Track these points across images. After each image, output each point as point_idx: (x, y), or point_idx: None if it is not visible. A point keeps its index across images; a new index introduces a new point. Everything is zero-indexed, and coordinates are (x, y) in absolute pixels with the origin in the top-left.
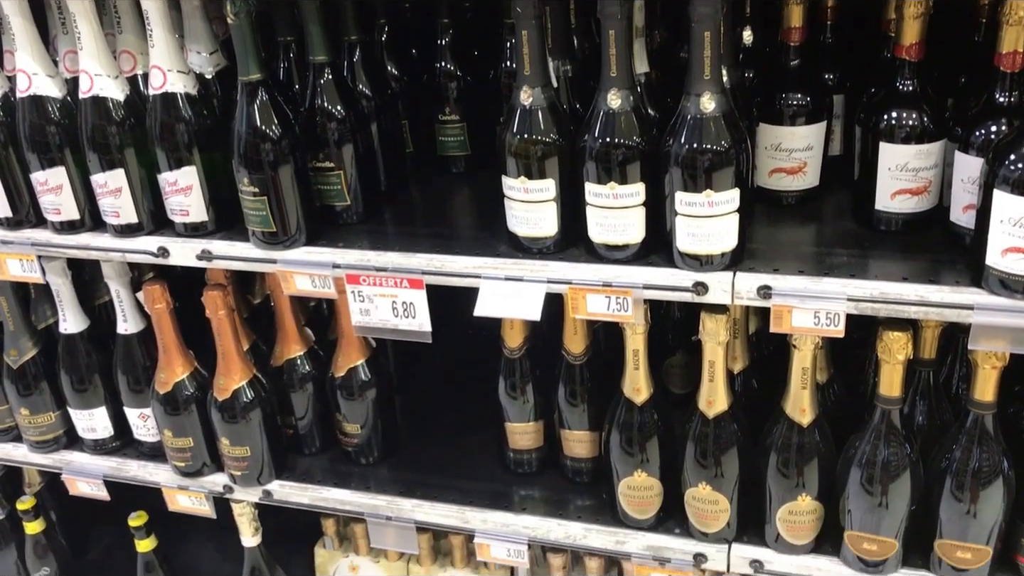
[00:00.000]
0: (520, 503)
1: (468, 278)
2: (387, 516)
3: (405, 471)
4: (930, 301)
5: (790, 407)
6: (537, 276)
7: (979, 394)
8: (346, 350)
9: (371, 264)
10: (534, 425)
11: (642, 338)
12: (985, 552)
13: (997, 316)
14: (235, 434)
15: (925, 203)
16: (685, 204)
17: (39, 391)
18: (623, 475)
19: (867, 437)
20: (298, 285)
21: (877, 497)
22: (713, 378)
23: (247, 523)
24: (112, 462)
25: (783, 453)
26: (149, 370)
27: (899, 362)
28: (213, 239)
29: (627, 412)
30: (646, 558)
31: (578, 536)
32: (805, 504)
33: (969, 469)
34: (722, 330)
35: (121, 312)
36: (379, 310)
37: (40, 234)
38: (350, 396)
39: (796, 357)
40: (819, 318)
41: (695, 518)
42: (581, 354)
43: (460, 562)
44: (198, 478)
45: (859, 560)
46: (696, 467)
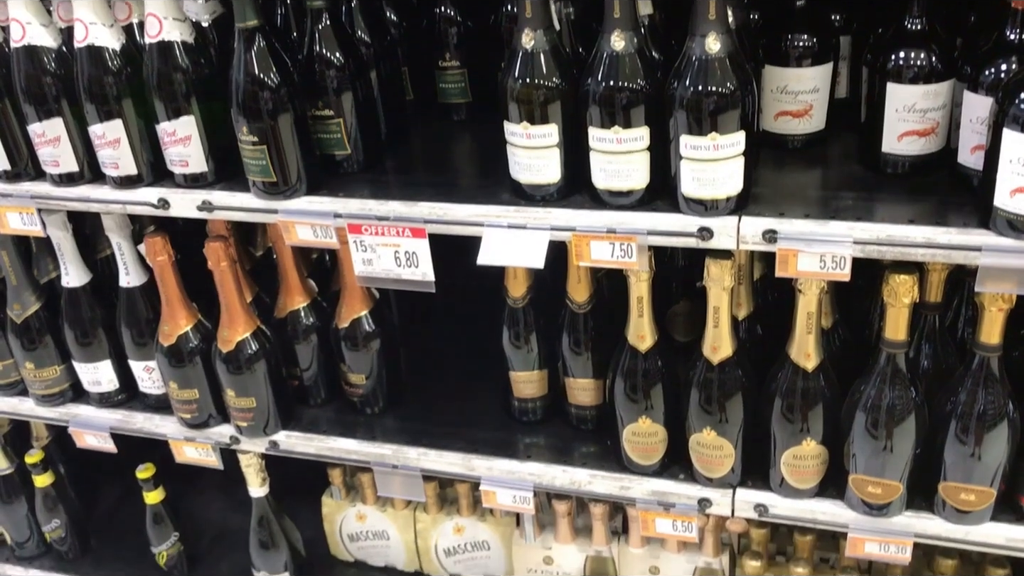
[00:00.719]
0: (525, 451)
1: (471, 226)
2: (393, 465)
3: (411, 420)
4: (937, 243)
5: (795, 352)
6: (540, 224)
7: (985, 336)
8: (349, 301)
9: (373, 213)
10: (538, 374)
11: (646, 285)
12: (989, 494)
13: (1005, 258)
14: (240, 385)
15: (933, 145)
16: (690, 148)
17: (43, 345)
18: (627, 422)
19: (872, 381)
20: (300, 235)
21: (882, 440)
22: (718, 324)
23: (254, 474)
24: (118, 415)
25: (788, 398)
26: (152, 323)
27: (905, 305)
28: (213, 190)
29: (631, 359)
30: (651, 503)
31: (583, 482)
32: (809, 448)
33: (974, 411)
34: (727, 276)
35: (123, 265)
36: (382, 260)
37: (39, 187)
38: (354, 347)
39: (801, 302)
40: (825, 262)
41: (699, 464)
42: (585, 303)
43: (466, 510)
44: (204, 429)
45: (863, 503)
46: (700, 413)
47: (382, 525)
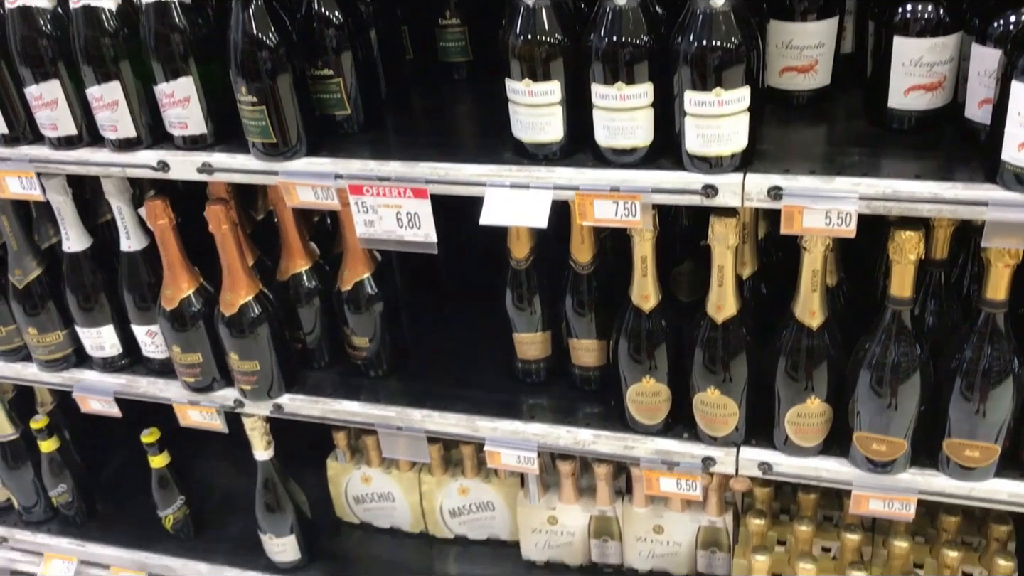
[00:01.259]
0: (529, 411)
1: (473, 186)
2: (398, 427)
3: (414, 383)
4: (943, 198)
5: (800, 310)
6: (543, 183)
7: (991, 292)
8: (351, 264)
9: (374, 174)
10: (542, 335)
11: (650, 244)
12: (993, 450)
13: (1012, 212)
14: (243, 349)
15: (939, 99)
16: (694, 103)
17: (46, 310)
18: (631, 382)
19: (877, 338)
20: (301, 197)
21: (886, 398)
22: (722, 283)
23: (259, 437)
24: (122, 379)
25: (792, 356)
26: (155, 287)
27: (911, 262)
28: (213, 152)
29: (635, 319)
30: (655, 462)
31: (587, 442)
32: (814, 406)
33: (980, 368)
34: (731, 234)
35: (124, 229)
36: (383, 221)
37: (38, 151)
38: (357, 310)
39: (806, 259)
40: (830, 218)
41: (704, 422)
42: (588, 263)
43: (471, 471)
44: (208, 393)
45: (867, 461)
46: (705, 372)
47: (387, 487)
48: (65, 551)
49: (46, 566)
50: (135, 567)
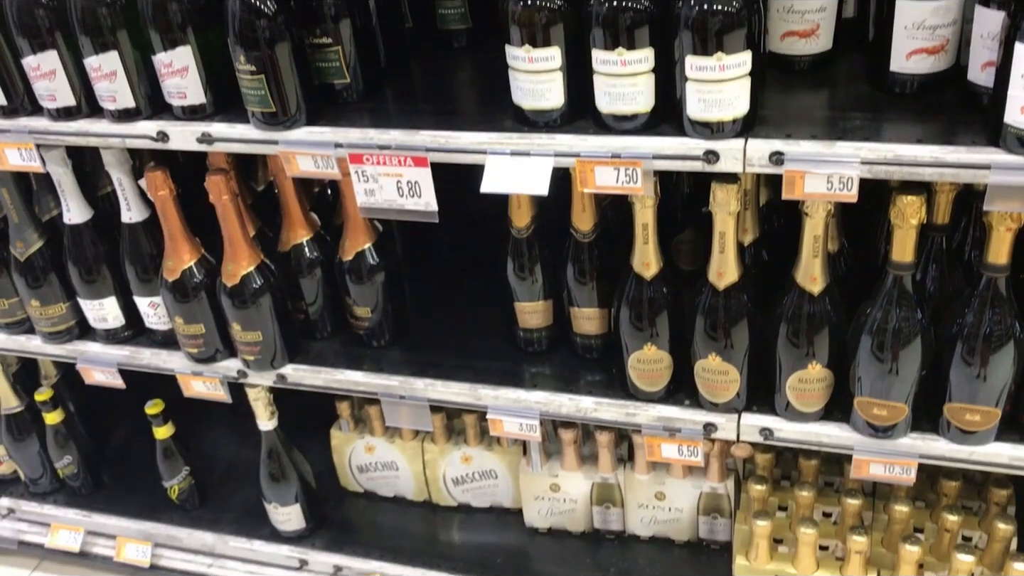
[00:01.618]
0: (531, 380)
1: (473, 154)
2: (401, 396)
3: (417, 353)
4: (945, 162)
5: (801, 276)
6: (544, 150)
7: (993, 257)
8: (352, 233)
9: (374, 142)
10: (543, 304)
11: (651, 211)
12: (994, 414)
13: (1014, 175)
14: (246, 319)
15: (942, 63)
16: (696, 68)
17: (48, 283)
18: (633, 349)
19: (879, 303)
20: (301, 166)
21: (888, 363)
22: (724, 249)
23: (263, 407)
24: (125, 351)
25: (794, 322)
26: (156, 259)
27: (912, 227)
28: (213, 122)
29: (636, 287)
30: (656, 429)
31: (589, 410)
32: (815, 372)
33: (981, 332)
34: (733, 200)
35: (124, 201)
36: (384, 190)
37: (37, 122)
38: (359, 280)
39: (808, 225)
40: (832, 183)
41: (705, 389)
42: (589, 232)
43: (474, 440)
44: (212, 364)
45: (868, 426)
46: (706, 338)
47: (391, 456)
48: (72, 522)
49: (53, 536)
50: (141, 537)
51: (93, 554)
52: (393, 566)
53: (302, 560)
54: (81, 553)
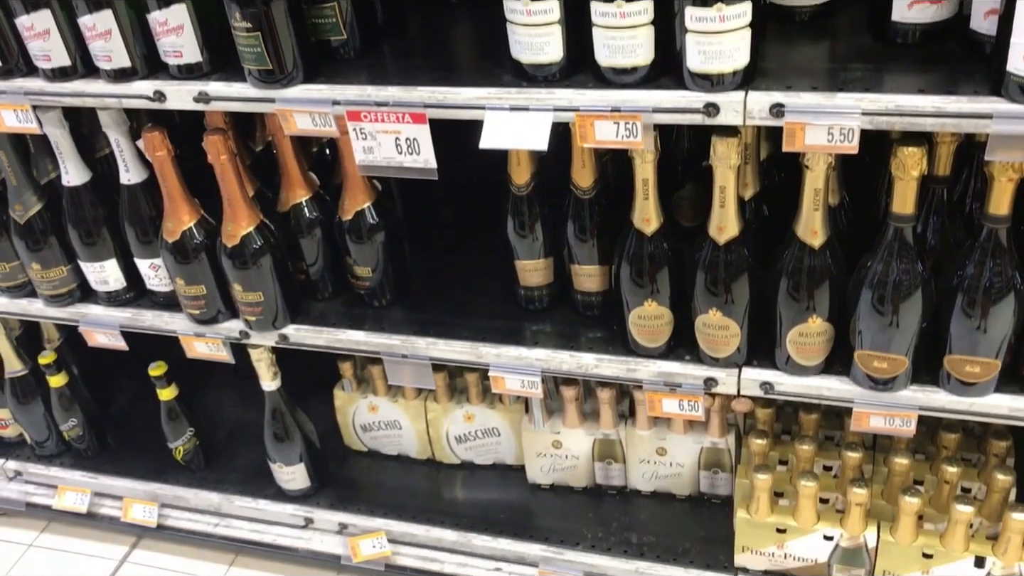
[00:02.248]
0: (532, 337)
1: (472, 110)
2: (403, 355)
3: (418, 312)
4: (947, 112)
5: (802, 229)
6: (543, 105)
7: (994, 208)
8: (352, 193)
9: (371, 99)
10: (544, 262)
11: (651, 166)
12: (993, 366)
13: (1016, 124)
14: (247, 280)
15: (944, 12)
16: (695, 19)
17: (48, 245)
18: (633, 305)
19: (879, 255)
20: (299, 125)
21: (888, 315)
22: (724, 204)
23: (266, 368)
24: (127, 313)
25: (794, 275)
26: (156, 220)
27: (913, 178)
28: (209, 81)
29: (637, 243)
30: (657, 384)
31: (590, 366)
32: (816, 325)
33: (982, 283)
34: (733, 154)
35: (123, 162)
36: (382, 147)
37: (33, 83)
38: (359, 239)
39: (808, 177)
40: (832, 135)
41: (705, 344)
42: (589, 188)
43: (476, 398)
44: (214, 325)
45: (869, 378)
46: (706, 293)
47: (394, 415)
48: (78, 483)
49: (60, 498)
50: (147, 497)
51: (100, 515)
52: (398, 523)
53: (307, 518)
54: (88, 514)
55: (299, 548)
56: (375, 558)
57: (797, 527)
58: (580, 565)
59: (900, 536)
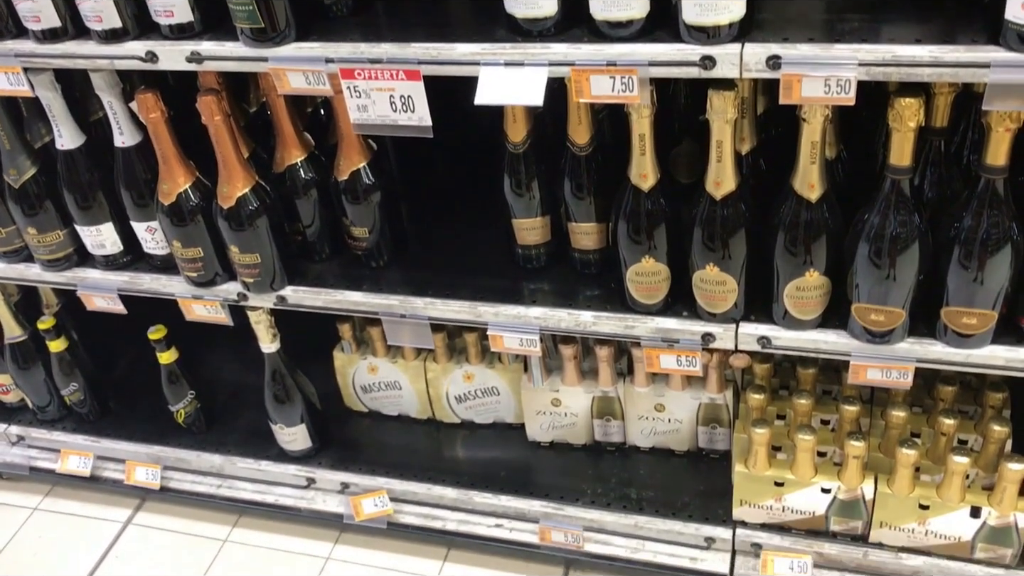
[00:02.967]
0: (530, 296)
1: (466, 65)
2: (401, 315)
3: (416, 272)
4: (944, 61)
5: (798, 183)
6: (538, 60)
7: (991, 158)
8: (347, 152)
9: (365, 56)
10: (541, 220)
11: (648, 122)
12: (990, 317)
13: (1014, 73)
14: (244, 242)
15: None
16: None
17: (44, 210)
18: (631, 262)
19: (876, 208)
20: (292, 83)
21: (885, 268)
22: (721, 158)
23: (265, 330)
24: (125, 276)
25: (791, 229)
26: (151, 183)
27: (910, 129)
28: (201, 41)
29: (634, 199)
30: (655, 340)
31: (588, 324)
32: (813, 279)
33: (979, 234)
34: (730, 107)
35: (116, 125)
36: (377, 106)
37: (23, 45)
38: (355, 200)
39: (805, 130)
40: (830, 86)
41: (703, 300)
42: (586, 144)
43: (475, 358)
44: (211, 287)
45: (866, 332)
46: (703, 249)
47: (394, 376)
48: (81, 447)
49: (63, 462)
50: (150, 460)
51: (104, 478)
52: (399, 482)
53: (309, 478)
54: (92, 477)
55: (302, 508)
56: (377, 516)
57: (795, 480)
58: (580, 520)
59: (897, 488)
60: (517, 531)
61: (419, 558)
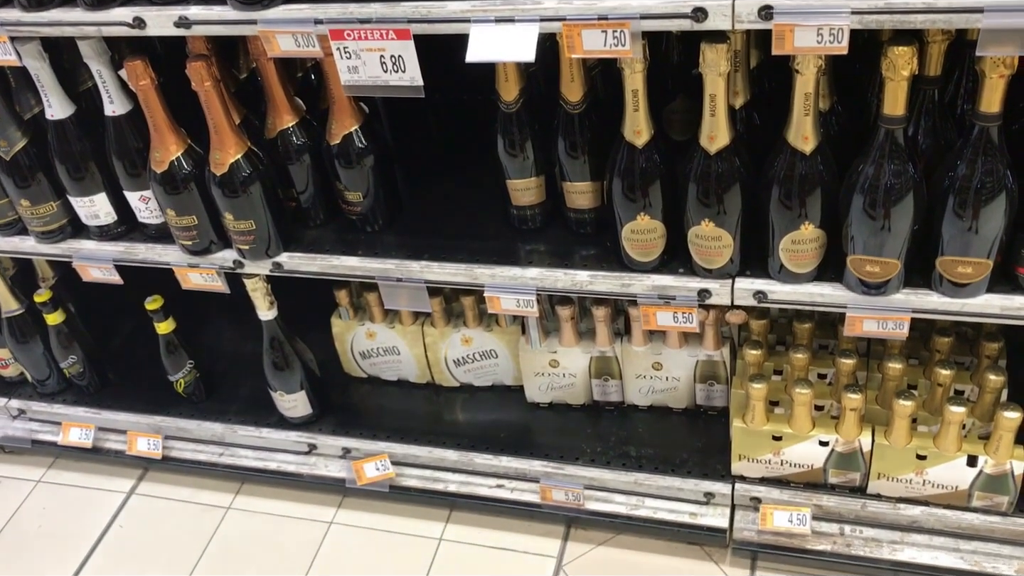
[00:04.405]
0: (526, 257)
1: (457, 23)
2: (398, 278)
3: (411, 236)
4: (937, 7)
5: (792, 135)
6: (529, 15)
7: (985, 105)
8: (339, 116)
9: (354, 16)
10: (535, 180)
11: (641, 76)
12: (985, 265)
13: (1007, 18)
14: (238, 208)
15: None
16: None
17: (36, 181)
18: (626, 220)
19: (871, 158)
20: (282, 46)
21: (880, 219)
22: (714, 112)
23: (262, 297)
24: (120, 246)
25: (786, 182)
26: (143, 152)
27: (904, 78)
28: (189, 6)
29: (628, 156)
30: (652, 298)
31: (584, 283)
32: (808, 232)
33: (973, 183)
34: (722, 60)
35: (106, 94)
36: (368, 66)
37: (8, 13)
38: (348, 164)
39: (799, 81)
40: (822, 35)
41: (698, 256)
42: (579, 102)
43: (472, 321)
44: (207, 255)
45: (861, 283)
46: (698, 205)
47: (392, 341)
48: (82, 419)
49: (65, 434)
50: (151, 430)
51: (106, 449)
52: (400, 446)
53: (311, 444)
54: (94, 449)
55: (304, 474)
56: (380, 479)
57: (793, 434)
58: (580, 479)
59: (894, 439)
60: (518, 491)
61: (422, 520)
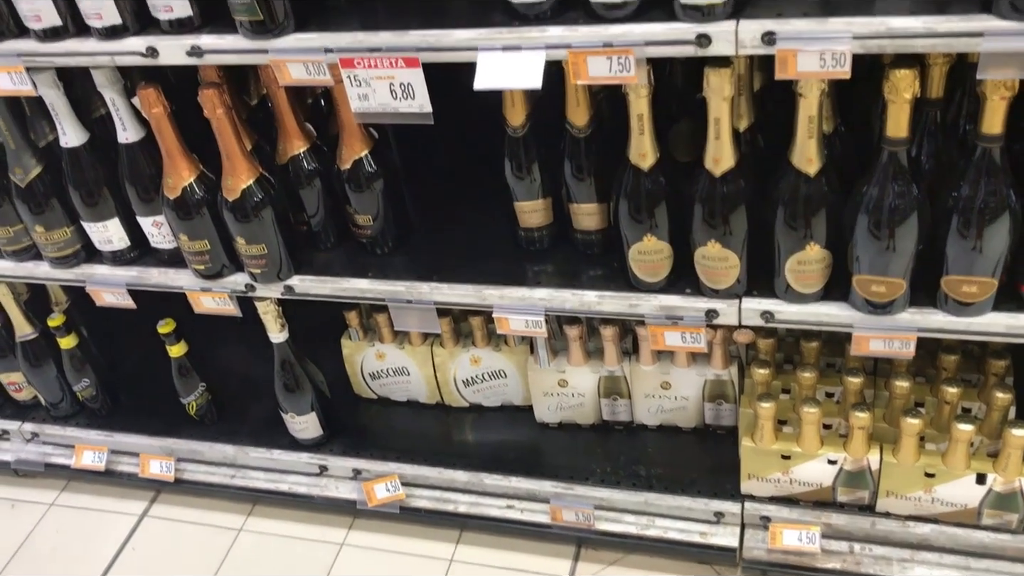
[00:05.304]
0: (534, 278)
1: (464, 51)
2: (407, 300)
3: (420, 257)
4: (938, 32)
5: (797, 158)
6: (535, 43)
7: (987, 127)
8: (349, 142)
9: (364, 45)
10: (542, 202)
11: (646, 101)
12: (990, 284)
13: (1007, 41)
14: (250, 233)
15: None
16: None
17: (50, 207)
18: (633, 241)
19: (874, 180)
20: (293, 74)
21: (885, 239)
22: (719, 136)
23: (273, 320)
24: (133, 271)
25: (791, 204)
26: (156, 178)
27: (906, 101)
28: (201, 35)
29: (634, 178)
30: (659, 318)
31: (592, 303)
32: (813, 253)
33: (976, 203)
34: (726, 84)
35: (119, 121)
36: (377, 94)
37: (24, 44)
38: (358, 188)
39: (802, 105)
40: (825, 60)
41: (705, 276)
42: (585, 126)
43: (481, 341)
44: (219, 279)
45: (867, 303)
46: (705, 226)
47: (401, 362)
48: (95, 442)
49: (78, 458)
50: (164, 453)
51: (119, 472)
52: (411, 467)
53: (322, 466)
54: (107, 472)
55: (315, 495)
56: (390, 501)
57: (801, 453)
58: (590, 499)
59: (902, 457)
60: (528, 512)
61: (433, 541)
